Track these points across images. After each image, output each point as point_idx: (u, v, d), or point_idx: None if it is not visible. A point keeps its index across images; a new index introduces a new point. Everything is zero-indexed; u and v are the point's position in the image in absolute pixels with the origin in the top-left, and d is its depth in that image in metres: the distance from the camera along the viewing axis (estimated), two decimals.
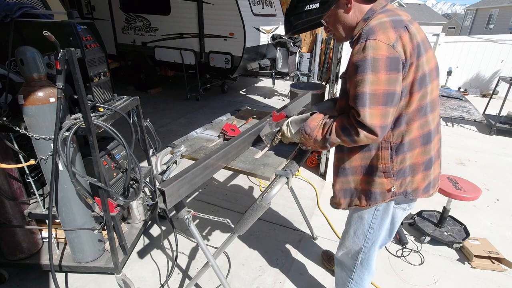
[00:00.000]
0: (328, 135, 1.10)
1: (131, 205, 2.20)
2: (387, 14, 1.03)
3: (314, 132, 1.15)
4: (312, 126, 1.16)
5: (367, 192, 1.22)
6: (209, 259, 1.51)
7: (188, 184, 1.19)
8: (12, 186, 1.73)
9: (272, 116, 1.76)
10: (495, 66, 6.92)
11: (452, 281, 2.05)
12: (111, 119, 1.65)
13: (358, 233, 1.36)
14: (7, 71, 1.52)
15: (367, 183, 1.20)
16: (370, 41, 0.96)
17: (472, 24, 25.37)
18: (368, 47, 0.95)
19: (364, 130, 1.00)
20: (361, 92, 0.97)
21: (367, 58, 0.95)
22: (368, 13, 1.06)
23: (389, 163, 1.14)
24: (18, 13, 1.63)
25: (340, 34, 1.15)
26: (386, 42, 0.95)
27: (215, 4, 5.48)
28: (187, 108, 5.63)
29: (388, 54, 0.95)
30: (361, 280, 1.50)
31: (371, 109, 0.97)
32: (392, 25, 0.99)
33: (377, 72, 0.95)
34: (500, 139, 4.55)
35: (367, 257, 1.42)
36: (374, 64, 0.95)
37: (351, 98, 1.03)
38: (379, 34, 0.96)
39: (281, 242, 2.36)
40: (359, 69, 0.98)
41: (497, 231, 2.54)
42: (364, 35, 0.99)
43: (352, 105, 1.02)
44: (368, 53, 0.95)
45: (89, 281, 1.97)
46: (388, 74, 0.96)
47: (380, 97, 0.97)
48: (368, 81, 0.96)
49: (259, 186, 3.14)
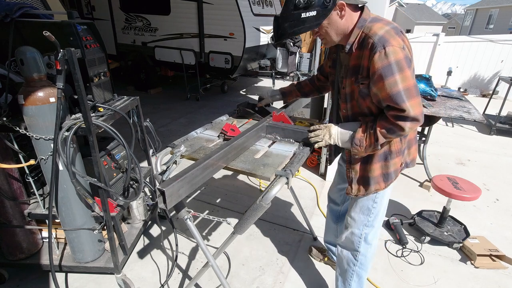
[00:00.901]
0: (375, 141, 1.24)
1: (131, 205, 2.20)
2: (384, 23, 1.16)
3: (363, 142, 1.27)
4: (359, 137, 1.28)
5: (384, 175, 1.37)
6: (209, 259, 1.51)
7: (188, 184, 1.18)
8: (12, 186, 1.73)
9: (272, 116, 1.77)
10: (495, 66, 6.92)
11: (452, 281, 2.05)
12: (111, 119, 1.65)
13: (363, 209, 1.48)
14: (7, 71, 1.52)
15: (383, 167, 1.36)
16: (388, 47, 1.09)
17: (472, 24, 25.36)
18: (389, 53, 1.09)
19: (408, 122, 1.14)
20: (397, 91, 1.11)
21: (391, 62, 1.09)
22: (360, 22, 1.19)
23: (400, 144, 1.33)
24: (18, 13, 1.63)
25: (331, 38, 1.25)
26: (398, 46, 1.10)
27: (215, 4, 5.48)
28: (187, 108, 5.63)
29: (404, 54, 1.11)
30: (365, 259, 1.56)
31: (410, 101, 1.12)
32: (395, 32, 1.13)
33: (403, 71, 1.11)
34: (500, 139, 4.55)
35: (369, 231, 1.50)
36: (398, 65, 1.10)
37: (386, 99, 1.15)
38: (392, 41, 1.10)
39: (281, 242, 2.36)
40: (387, 73, 1.11)
41: (497, 231, 2.54)
42: (378, 44, 1.11)
43: (391, 104, 1.15)
44: (391, 58, 1.09)
45: (89, 281, 1.97)
46: (409, 71, 1.12)
47: (412, 90, 1.13)
48: (398, 80, 1.11)
49: (259, 186, 3.14)
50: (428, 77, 3.18)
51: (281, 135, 1.69)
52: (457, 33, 28.03)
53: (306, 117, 3.56)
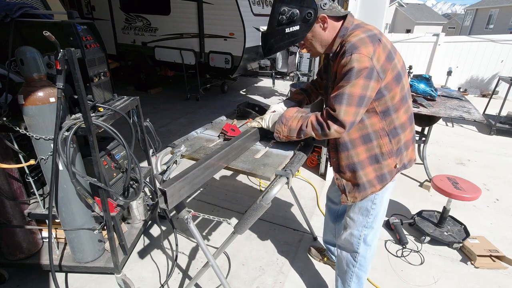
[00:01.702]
0: (305, 127, 1.29)
1: (131, 205, 2.20)
2: (361, 30, 1.18)
3: (289, 122, 1.34)
4: (288, 116, 1.35)
5: (378, 177, 1.36)
6: (209, 259, 1.51)
7: (189, 185, 1.18)
8: (12, 186, 1.72)
9: None
10: (495, 66, 6.92)
11: (452, 281, 2.05)
12: (111, 119, 1.65)
13: (362, 210, 1.46)
14: (7, 71, 1.52)
15: (377, 169, 1.35)
16: (354, 55, 1.12)
17: (472, 24, 25.36)
18: (353, 60, 1.12)
19: (336, 125, 1.19)
20: (341, 93, 1.16)
21: (353, 68, 1.12)
22: (342, 31, 1.23)
23: (390, 145, 1.32)
24: (18, 13, 1.63)
25: (316, 50, 1.31)
26: (367, 55, 1.12)
27: (215, 4, 5.48)
28: (187, 108, 5.63)
29: (368, 64, 1.12)
30: (364, 261, 1.55)
31: (346, 107, 1.15)
32: (369, 40, 1.14)
33: (357, 78, 1.13)
34: (500, 139, 4.55)
35: (369, 232, 1.50)
36: (358, 73, 1.12)
37: (331, 98, 1.19)
38: (362, 49, 1.12)
39: (281, 242, 2.36)
40: (345, 77, 1.15)
41: (497, 231, 2.54)
42: (348, 50, 1.13)
43: (330, 103, 1.19)
44: (354, 64, 1.12)
45: (89, 281, 1.97)
46: (364, 81, 1.14)
47: (354, 98, 1.15)
48: (348, 85, 1.14)
49: (259, 186, 3.14)
50: (428, 77, 3.18)
51: None
52: (457, 33, 28.03)
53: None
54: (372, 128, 1.29)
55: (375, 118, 1.26)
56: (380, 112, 1.25)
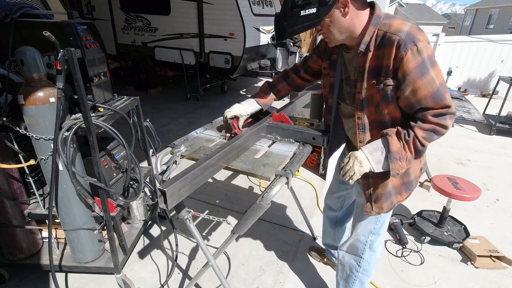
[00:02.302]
0: (421, 146, 1.12)
1: (131, 205, 2.19)
2: (402, 19, 1.09)
3: (403, 154, 1.14)
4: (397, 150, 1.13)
5: (405, 185, 1.28)
6: (209, 259, 1.51)
7: (189, 185, 1.18)
8: (12, 186, 1.72)
9: (272, 116, 1.76)
10: (495, 66, 6.92)
11: (452, 281, 2.05)
12: (111, 119, 1.65)
13: (371, 218, 1.41)
14: (7, 71, 1.52)
15: (405, 175, 1.26)
16: (419, 43, 1.03)
17: (472, 24, 25.36)
18: (421, 50, 1.03)
19: (447, 118, 1.08)
20: (435, 89, 1.06)
21: (424, 58, 1.04)
22: (375, 19, 1.11)
23: None
24: (18, 13, 1.63)
25: (334, 36, 1.17)
26: (426, 41, 1.05)
27: (215, 4, 5.47)
28: (187, 108, 5.63)
29: (432, 50, 1.07)
30: (368, 266, 1.52)
31: (447, 95, 1.07)
32: (417, 27, 1.08)
33: (435, 66, 1.06)
34: (500, 139, 4.55)
35: (375, 238, 1.46)
36: (430, 61, 1.05)
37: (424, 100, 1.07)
38: (420, 36, 1.04)
39: (281, 242, 2.36)
40: (422, 71, 1.04)
41: (497, 231, 2.54)
42: (407, 40, 1.03)
43: (429, 105, 1.07)
44: (424, 54, 1.03)
45: (89, 281, 1.97)
46: (439, 67, 1.08)
47: (444, 85, 1.09)
48: (434, 77, 1.05)
49: (259, 186, 3.14)
50: None
51: (281, 135, 1.69)
52: (457, 33, 28.03)
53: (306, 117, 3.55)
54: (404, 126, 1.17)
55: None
56: None
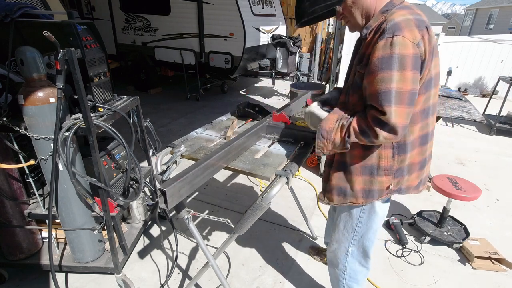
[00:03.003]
0: (347, 137, 1.05)
1: (131, 205, 2.19)
2: (409, 12, 0.99)
3: (332, 135, 1.09)
4: (328, 129, 1.09)
5: (365, 191, 1.22)
6: (209, 259, 1.51)
7: (189, 185, 1.18)
8: (12, 186, 1.72)
9: (272, 116, 1.77)
10: (495, 66, 6.92)
11: (452, 281, 2.05)
12: (111, 119, 1.65)
13: (347, 226, 1.38)
14: (7, 71, 1.52)
15: (366, 182, 1.20)
16: (397, 37, 0.92)
17: (472, 24, 25.36)
18: (395, 43, 0.92)
19: (384, 131, 0.97)
20: (387, 89, 0.94)
21: (394, 54, 0.92)
22: (387, 6, 1.02)
23: (391, 161, 1.14)
24: (18, 13, 1.63)
25: (356, 20, 1.08)
26: (412, 40, 0.93)
27: (215, 4, 5.48)
28: (187, 108, 5.63)
29: (413, 52, 0.93)
30: (354, 273, 1.49)
31: (397, 107, 0.94)
32: (416, 24, 0.96)
33: (404, 69, 0.93)
34: (500, 139, 4.55)
35: (356, 248, 1.42)
36: (401, 61, 0.92)
37: (372, 96, 0.98)
38: (406, 32, 0.93)
39: (281, 242, 2.36)
40: (384, 65, 0.94)
41: (497, 231, 2.54)
42: (389, 30, 0.94)
43: (373, 103, 0.98)
44: (395, 50, 0.92)
45: (89, 281, 1.97)
46: (413, 73, 0.95)
47: (406, 96, 0.95)
48: (394, 78, 0.93)
49: (259, 186, 3.14)
50: None
51: (281, 135, 1.69)
52: (457, 33, 28.02)
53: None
54: None
55: None
56: None
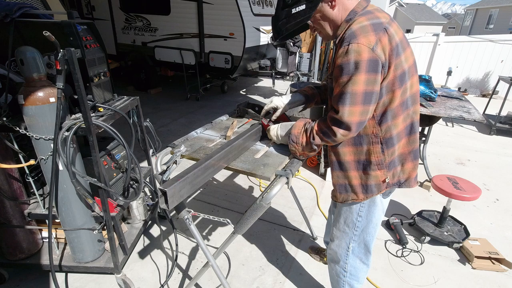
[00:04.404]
0: (312, 139, 1.20)
1: (131, 205, 2.19)
2: (367, 17, 1.07)
3: (299, 138, 1.25)
4: (296, 133, 1.25)
5: (363, 186, 1.27)
6: (209, 259, 1.51)
7: (190, 185, 1.18)
8: (12, 186, 1.72)
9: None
10: (495, 66, 6.92)
11: (452, 281, 2.05)
12: (111, 119, 1.65)
13: (348, 221, 1.40)
14: (7, 71, 1.52)
15: (362, 177, 1.26)
16: (352, 45, 1.01)
17: (472, 24, 25.36)
18: (351, 51, 1.02)
19: (341, 128, 1.10)
20: (342, 92, 1.06)
21: (350, 61, 1.02)
22: (350, 14, 1.11)
23: (381, 156, 1.20)
24: (18, 13, 1.63)
25: (327, 32, 1.19)
26: (367, 45, 1.01)
27: (215, 4, 5.48)
28: (187, 108, 5.63)
29: (368, 56, 1.01)
30: (355, 270, 1.50)
31: (350, 106, 1.06)
32: (372, 28, 1.04)
33: (358, 73, 1.02)
34: (500, 139, 4.55)
35: (357, 244, 1.44)
36: (356, 66, 1.02)
37: (334, 98, 1.11)
38: (361, 38, 1.01)
39: (281, 242, 2.36)
40: (343, 71, 1.05)
41: (497, 231, 2.54)
42: (346, 38, 1.04)
43: (333, 105, 1.10)
44: (351, 56, 1.02)
45: (89, 281, 1.97)
46: (367, 75, 1.03)
47: (358, 96, 1.05)
48: (349, 82, 1.04)
49: (259, 186, 3.14)
50: (428, 78, 3.18)
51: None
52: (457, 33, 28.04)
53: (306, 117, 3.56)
54: (364, 130, 1.17)
55: (370, 121, 1.15)
56: (376, 115, 1.14)
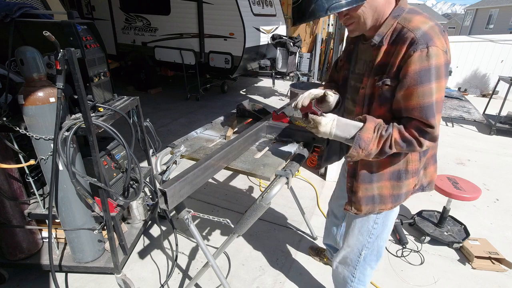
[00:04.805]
0: (388, 148, 1.02)
1: (131, 205, 2.19)
2: (426, 17, 0.98)
3: (370, 146, 1.04)
4: (367, 139, 1.03)
5: (394, 196, 1.22)
6: (209, 259, 1.51)
7: (190, 185, 1.18)
8: (12, 186, 1.72)
9: (272, 116, 1.76)
10: (495, 66, 6.92)
11: (452, 281, 2.05)
12: (111, 119, 1.65)
13: (363, 230, 1.35)
14: (7, 71, 1.52)
15: (395, 188, 1.20)
16: (432, 48, 0.92)
17: (472, 24, 25.36)
18: (432, 55, 0.92)
19: (427, 140, 0.99)
20: (429, 103, 0.96)
21: (431, 66, 0.93)
22: (397, 10, 1.00)
23: (418, 164, 1.16)
24: (18, 13, 1.63)
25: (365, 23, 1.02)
26: (442, 48, 0.94)
27: (215, 4, 5.48)
28: (187, 108, 5.63)
29: (444, 60, 0.95)
30: (363, 276, 1.48)
31: (438, 117, 0.98)
32: (439, 30, 0.96)
33: (440, 80, 0.95)
34: (500, 139, 4.55)
35: (370, 252, 1.39)
36: (437, 72, 0.94)
37: (413, 109, 0.98)
38: (436, 41, 0.93)
39: (281, 242, 2.36)
40: (424, 78, 0.94)
41: (497, 231, 2.54)
42: (421, 40, 0.93)
43: (415, 116, 0.98)
44: (432, 61, 0.93)
45: (89, 281, 1.97)
46: (446, 80, 0.98)
47: (440, 104, 0.99)
48: (434, 90, 0.95)
49: (259, 186, 3.14)
50: None
51: (281, 135, 1.69)
52: (457, 33, 28.02)
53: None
54: None
55: None
56: None
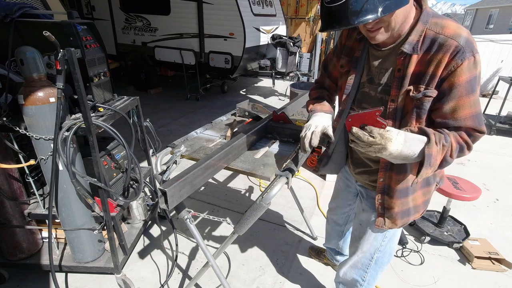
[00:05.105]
0: (449, 157, 0.97)
1: (131, 205, 2.19)
2: (454, 21, 0.95)
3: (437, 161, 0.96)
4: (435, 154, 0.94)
5: (425, 202, 1.22)
6: (209, 259, 1.51)
7: (190, 185, 1.18)
8: (12, 186, 1.72)
9: (272, 116, 1.76)
10: (495, 66, 6.92)
11: (452, 281, 2.05)
12: (111, 119, 1.65)
13: (378, 235, 1.34)
14: (7, 71, 1.52)
15: (426, 194, 1.21)
16: (477, 55, 0.91)
17: (472, 24, 25.36)
18: (478, 63, 0.91)
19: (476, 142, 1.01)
20: (478, 111, 0.97)
21: (477, 74, 0.93)
22: (425, 15, 0.96)
23: None
24: (18, 13, 1.63)
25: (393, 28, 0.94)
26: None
27: (215, 4, 5.48)
28: (187, 108, 5.63)
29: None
30: (373, 280, 1.48)
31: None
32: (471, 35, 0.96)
33: (479, 85, 0.97)
34: (500, 139, 4.55)
35: (382, 255, 1.39)
36: (479, 79, 0.95)
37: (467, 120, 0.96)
38: (477, 47, 0.92)
39: (281, 242, 2.36)
40: (473, 87, 0.93)
41: (497, 231, 2.54)
42: (466, 48, 0.89)
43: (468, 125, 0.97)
44: (478, 69, 0.92)
45: (89, 281, 1.97)
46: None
47: None
48: (478, 98, 0.96)
49: (259, 186, 3.14)
50: None
51: (281, 135, 1.69)
52: None
53: (306, 117, 3.56)
54: None
55: None
56: None
